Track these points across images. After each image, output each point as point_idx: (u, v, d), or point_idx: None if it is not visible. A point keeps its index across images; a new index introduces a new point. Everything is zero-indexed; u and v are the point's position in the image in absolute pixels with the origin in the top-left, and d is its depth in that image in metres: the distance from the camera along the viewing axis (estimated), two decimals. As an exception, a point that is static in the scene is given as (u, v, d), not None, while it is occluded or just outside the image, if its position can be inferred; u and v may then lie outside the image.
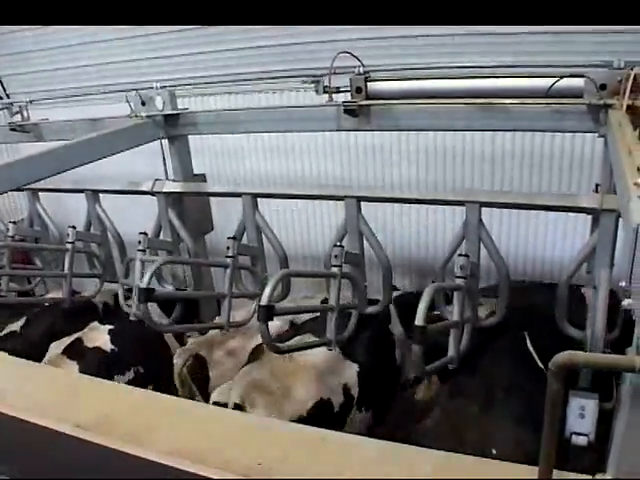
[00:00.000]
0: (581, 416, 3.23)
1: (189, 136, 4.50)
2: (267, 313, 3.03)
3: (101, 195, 4.79)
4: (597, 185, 3.34)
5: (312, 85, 3.85)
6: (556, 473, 1.67)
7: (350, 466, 1.97)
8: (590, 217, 3.45)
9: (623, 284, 1.77)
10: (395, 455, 2.05)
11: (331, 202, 4.71)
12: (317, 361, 3.68)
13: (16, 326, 4.66)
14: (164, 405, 2.59)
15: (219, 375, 3.94)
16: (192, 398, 3.85)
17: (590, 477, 1.81)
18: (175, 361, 3.92)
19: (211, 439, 2.19)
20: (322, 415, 3.57)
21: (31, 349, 4.17)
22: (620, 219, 2.99)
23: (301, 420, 3.42)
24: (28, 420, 2.31)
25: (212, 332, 4.22)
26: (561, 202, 3.56)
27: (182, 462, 2.00)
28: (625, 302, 1.69)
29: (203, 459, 2.01)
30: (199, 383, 3.97)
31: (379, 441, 2.20)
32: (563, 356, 1.43)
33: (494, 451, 2.88)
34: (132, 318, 4.34)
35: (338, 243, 3.76)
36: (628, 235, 1.69)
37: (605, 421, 2.55)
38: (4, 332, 4.62)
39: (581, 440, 3.20)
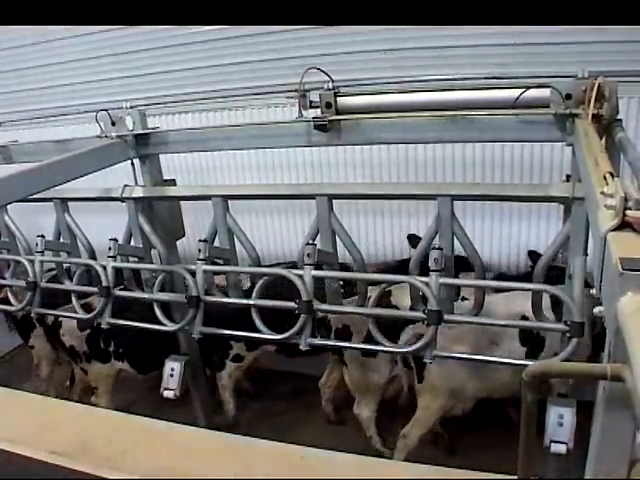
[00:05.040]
0: (559, 424, 3.27)
1: (160, 155, 4.48)
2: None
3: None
4: (568, 176, 3.38)
5: (291, 100, 3.86)
6: (534, 482, 1.68)
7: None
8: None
9: (594, 292, 1.80)
10: (374, 469, 2.03)
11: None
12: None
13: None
14: (142, 427, 2.56)
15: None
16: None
17: (567, 484, 1.83)
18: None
19: (190, 460, 2.16)
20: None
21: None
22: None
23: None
24: (2, 449, 2.27)
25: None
26: (532, 192, 3.60)
27: (160, 484, 1.97)
28: (596, 310, 1.71)
29: (182, 480, 1.98)
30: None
31: (360, 456, 2.18)
32: (536, 366, 1.44)
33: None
34: (104, 326, 4.31)
35: (310, 241, 3.73)
36: (597, 244, 1.72)
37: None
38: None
39: (560, 448, 3.23)
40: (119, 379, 5.61)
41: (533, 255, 5.03)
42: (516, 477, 1.65)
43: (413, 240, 5.15)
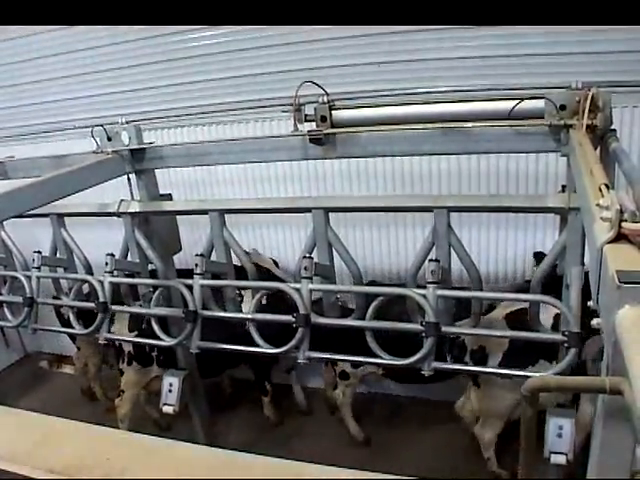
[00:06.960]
0: (559, 435, 3.26)
1: (156, 170, 4.48)
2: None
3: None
4: (563, 186, 3.39)
5: (286, 114, 3.85)
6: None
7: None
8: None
9: (591, 304, 1.80)
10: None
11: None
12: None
13: None
14: (141, 444, 2.53)
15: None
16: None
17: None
18: None
19: (190, 477, 2.15)
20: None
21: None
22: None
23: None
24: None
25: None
26: (529, 203, 3.64)
27: (158, 503, 1.95)
28: (594, 321, 1.72)
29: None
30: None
31: (365, 472, 2.16)
32: (535, 381, 1.44)
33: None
34: (101, 342, 4.32)
35: (307, 254, 3.72)
36: (593, 256, 1.72)
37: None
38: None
39: (560, 459, 3.22)
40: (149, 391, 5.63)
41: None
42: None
43: (539, 257, 5.01)
